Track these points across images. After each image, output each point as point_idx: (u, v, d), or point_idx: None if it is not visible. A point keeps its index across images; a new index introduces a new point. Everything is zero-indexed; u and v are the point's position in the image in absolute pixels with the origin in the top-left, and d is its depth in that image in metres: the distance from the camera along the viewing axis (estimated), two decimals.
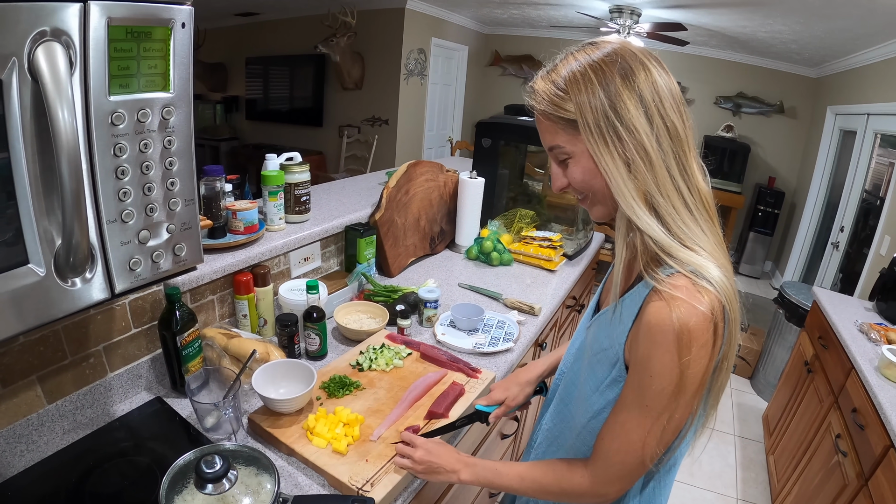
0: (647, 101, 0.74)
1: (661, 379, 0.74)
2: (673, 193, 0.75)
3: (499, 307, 1.92)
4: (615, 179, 0.75)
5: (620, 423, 0.82)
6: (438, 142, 6.89)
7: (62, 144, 0.61)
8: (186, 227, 0.87)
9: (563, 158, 0.82)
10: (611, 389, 0.87)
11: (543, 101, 0.79)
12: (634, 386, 0.79)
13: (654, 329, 0.73)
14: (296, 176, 1.73)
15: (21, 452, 1.05)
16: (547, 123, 0.80)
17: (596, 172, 0.78)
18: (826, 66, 5.27)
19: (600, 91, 0.73)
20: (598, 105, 0.73)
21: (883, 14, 3.24)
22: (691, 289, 0.72)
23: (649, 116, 0.74)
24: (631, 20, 4.65)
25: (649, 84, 0.74)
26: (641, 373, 0.77)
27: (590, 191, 0.82)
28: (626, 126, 0.73)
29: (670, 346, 0.72)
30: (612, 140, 0.74)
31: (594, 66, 0.75)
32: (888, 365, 1.83)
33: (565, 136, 0.79)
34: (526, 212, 2.54)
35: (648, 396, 0.77)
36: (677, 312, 0.71)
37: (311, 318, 1.44)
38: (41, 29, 0.61)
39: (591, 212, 0.87)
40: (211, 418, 1.14)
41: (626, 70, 0.74)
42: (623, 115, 0.73)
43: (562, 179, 0.84)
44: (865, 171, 4.22)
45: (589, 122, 0.74)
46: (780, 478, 2.48)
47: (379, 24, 5.65)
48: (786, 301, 3.38)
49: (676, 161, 0.75)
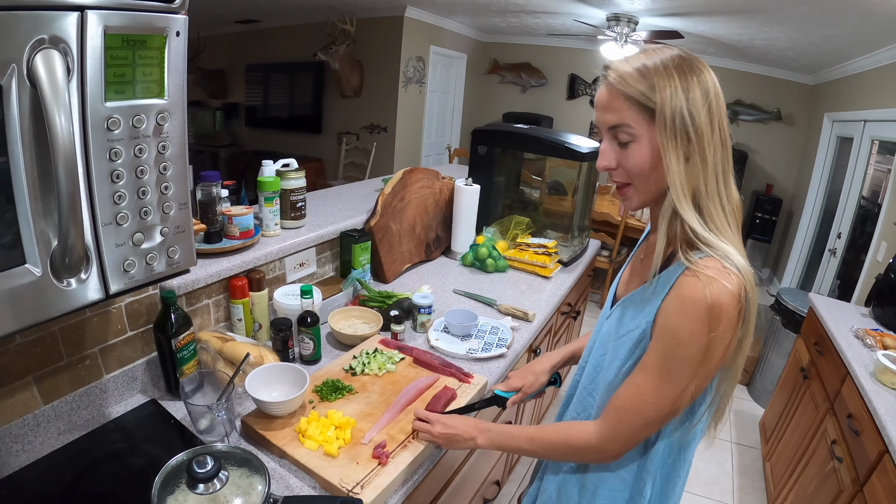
0: (713, 111, 0.81)
1: (689, 348, 0.80)
2: (714, 194, 0.82)
3: (493, 313, 1.94)
4: (673, 171, 0.81)
5: (637, 384, 0.87)
6: (437, 149, 6.92)
7: (59, 148, 0.63)
8: (180, 231, 0.89)
9: (627, 140, 0.85)
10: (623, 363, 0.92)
11: (629, 83, 0.82)
12: (658, 352, 0.85)
13: (687, 301, 0.80)
14: (291, 182, 1.75)
15: (17, 452, 1.06)
16: (621, 101, 0.84)
17: (655, 163, 0.84)
18: (823, 73, 5.30)
19: (682, 91, 0.80)
20: (677, 104, 0.79)
21: (878, 21, 3.26)
22: (722, 270, 0.79)
23: (713, 125, 0.81)
24: (628, 28, 4.69)
25: (717, 96, 0.82)
26: (668, 340, 0.83)
27: (639, 177, 0.87)
28: (696, 129, 0.80)
29: (701, 318, 0.78)
30: (682, 137, 0.80)
31: (680, 67, 0.81)
32: (883, 370, 1.83)
33: (640, 119, 0.83)
34: (521, 219, 2.56)
35: (672, 363, 0.83)
36: (710, 289, 0.77)
37: (306, 322, 1.46)
38: (40, 37, 0.63)
39: (627, 200, 0.91)
40: (205, 420, 1.15)
41: (701, 79, 0.81)
42: (696, 118, 0.80)
43: (610, 158, 0.88)
44: (862, 177, 4.24)
45: (666, 116, 0.80)
46: (777, 484, 2.48)
47: (378, 32, 5.69)
48: (782, 307, 3.39)
49: (722, 168, 0.83)
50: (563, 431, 0.99)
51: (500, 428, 1.10)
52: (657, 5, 4.04)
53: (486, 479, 1.87)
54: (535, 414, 2.52)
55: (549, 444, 1.00)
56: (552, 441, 1.00)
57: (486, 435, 1.08)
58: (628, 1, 4.05)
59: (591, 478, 1.03)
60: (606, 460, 0.96)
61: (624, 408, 0.89)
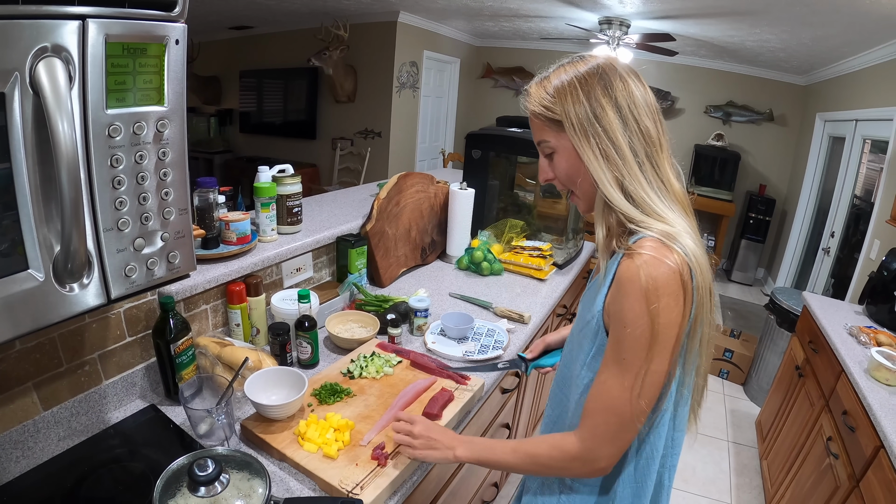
0: (622, 107, 0.86)
1: (634, 328, 0.81)
2: (643, 182, 0.86)
3: (489, 316, 1.95)
4: (594, 167, 0.87)
5: (602, 382, 0.88)
6: (431, 154, 6.94)
7: (62, 155, 0.64)
8: (180, 236, 0.90)
9: (549, 152, 0.94)
10: (595, 361, 0.92)
11: (535, 103, 0.92)
12: (612, 343, 0.86)
13: (623, 281, 0.82)
14: (288, 188, 1.76)
15: (17, 458, 1.07)
16: (537, 122, 0.93)
17: (577, 166, 0.90)
18: (814, 74, 5.35)
19: (584, 98, 0.86)
20: (580, 109, 0.86)
21: (868, 21, 3.29)
22: (658, 246, 0.81)
23: (624, 119, 0.86)
24: (620, 31, 4.72)
25: (626, 94, 0.87)
26: (617, 326, 0.84)
27: (572, 183, 0.94)
28: (604, 126, 0.86)
29: (639, 295, 0.80)
30: (592, 136, 0.86)
31: (580, 77, 0.88)
32: (878, 367, 1.85)
33: (552, 133, 0.92)
34: (516, 222, 2.58)
35: (624, 349, 0.83)
36: (643, 265, 0.79)
37: (303, 327, 1.46)
38: (42, 45, 0.64)
39: (578, 205, 0.98)
40: (204, 425, 1.15)
41: (606, 82, 0.87)
42: (601, 117, 0.86)
43: (548, 171, 0.97)
44: (855, 176, 4.27)
45: (573, 123, 0.87)
46: (774, 482, 2.49)
47: (371, 38, 5.71)
48: (777, 307, 3.42)
49: (648, 157, 0.87)
50: (546, 442, 0.96)
51: (483, 441, 1.06)
52: (649, 8, 4.07)
53: (484, 481, 1.88)
54: (532, 416, 2.53)
55: (534, 458, 0.96)
56: (536, 454, 0.96)
57: (466, 446, 1.04)
58: (620, 4, 4.08)
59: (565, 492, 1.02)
60: (595, 473, 0.92)
61: (597, 409, 0.89)
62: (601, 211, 0.90)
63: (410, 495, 1.16)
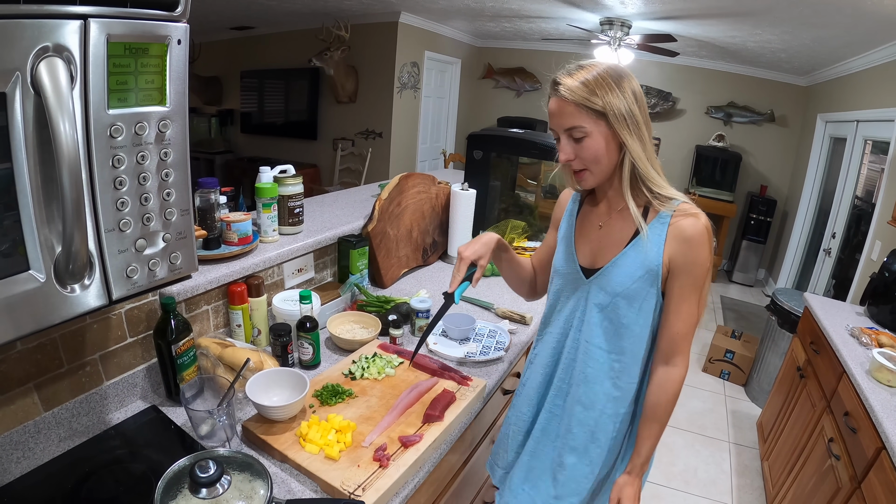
0: (642, 106, 1.07)
1: (705, 265, 1.08)
2: (657, 163, 1.10)
3: (491, 317, 1.95)
4: (636, 151, 1.06)
5: (684, 311, 1.11)
6: (432, 154, 6.94)
7: (63, 155, 0.64)
8: (182, 237, 0.90)
9: (581, 136, 1.06)
10: (648, 304, 1.13)
11: (574, 93, 1.04)
12: (688, 281, 1.09)
13: (696, 236, 1.07)
14: (289, 188, 1.76)
15: (17, 459, 1.07)
16: (572, 108, 1.05)
17: (607, 148, 1.06)
18: (815, 75, 5.34)
19: (620, 95, 1.03)
20: (622, 104, 1.03)
21: (868, 22, 3.29)
22: (694, 208, 1.09)
23: (644, 115, 1.07)
24: (621, 32, 4.72)
25: (641, 95, 1.08)
26: (692, 268, 1.08)
27: (594, 163, 1.08)
28: (637, 120, 1.05)
29: (707, 241, 1.07)
30: (633, 127, 1.05)
31: (612, 77, 1.04)
32: (879, 368, 1.85)
33: (586, 119, 1.04)
34: (517, 222, 2.57)
35: (699, 280, 1.09)
36: (703, 219, 1.08)
37: (305, 327, 1.46)
38: (44, 45, 0.63)
39: (584, 181, 1.13)
40: (205, 426, 1.15)
41: (631, 84, 1.07)
42: (635, 112, 1.05)
43: (569, 152, 1.09)
44: (856, 177, 4.27)
45: (617, 116, 1.03)
46: (775, 483, 2.49)
47: (373, 38, 5.71)
48: (778, 308, 3.41)
49: (650, 140, 1.09)
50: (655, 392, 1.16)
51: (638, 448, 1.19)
52: (650, 9, 4.07)
53: (485, 482, 1.87)
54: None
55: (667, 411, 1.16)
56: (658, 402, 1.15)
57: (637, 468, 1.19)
58: (621, 5, 4.08)
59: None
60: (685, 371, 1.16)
61: (686, 332, 1.12)
62: (628, 182, 1.09)
63: (412, 497, 1.16)
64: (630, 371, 1.17)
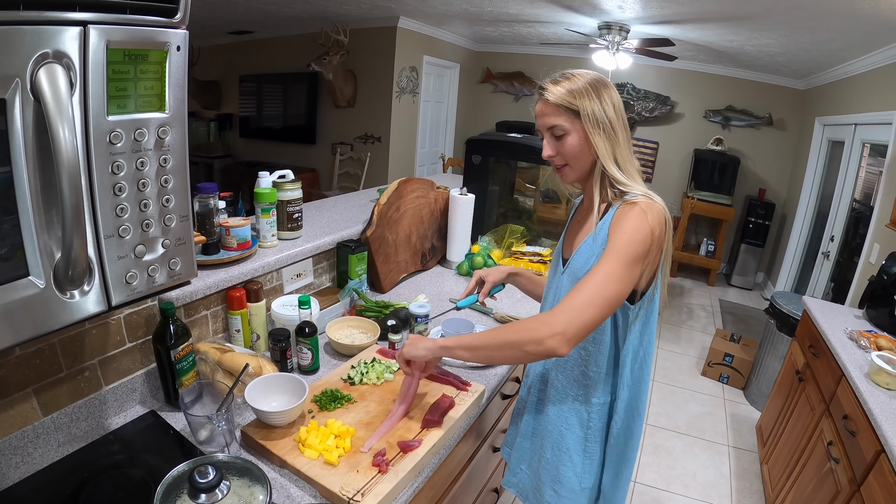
0: (617, 110, 1.17)
1: (633, 232, 1.08)
2: (628, 161, 1.18)
3: (489, 322, 1.95)
4: (601, 147, 1.15)
5: (592, 274, 1.08)
6: (431, 159, 6.94)
7: (63, 161, 0.64)
8: (181, 243, 0.90)
9: (561, 134, 1.18)
10: None
11: (556, 96, 1.16)
12: (609, 245, 1.10)
13: (625, 210, 1.11)
14: (288, 193, 1.76)
15: (16, 464, 1.06)
16: (553, 109, 1.17)
17: (583, 146, 1.17)
18: (813, 78, 5.36)
19: (596, 99, 1.15)
20: (595, 107, 1.14)
21: (867, 25, 3.30)
22: (648, 199, 1.12)
23: (618, 117, 1.17)
24: (619, 36, 4.72)
25: (618, 101, 1.19)
26: (616, 234, 1.10)
27: (573, 158, 1.19)
28: (608, 120, 1.15)
29: (639, 211, 1.10)
30: (601, 126, 1.15)
31: (592, 85, 1.16)
32: (878, 371, 1.85)
33: (565, 118, 1.16)
34: (516, 227, 2.57)
35: (617, 245, 1.08)
36: (640, 203, 1.11)
37: (304, 333, 1.46)
38: (43, 51, 0.64)
39: (565, 176, 1.24)
40: (204, 431, 1.15)
41: (608, 92, 1.18)
42: (607, 114, 1.15)
43: (551, 149, 1.21)
44: (854, 180, 4.28)
45: (589, 116, 1.14)
46: (775, 487, 2.49)
47: (371, 43, 5.72)
48: (777, 311, 3.41)
49: (627, 144, 1.19)
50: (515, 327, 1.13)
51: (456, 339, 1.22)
52: (648, 13, 4.08)
53: (484, 487, 1.87)
54: None
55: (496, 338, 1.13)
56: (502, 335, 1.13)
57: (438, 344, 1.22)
58: (620, 9, 4.09)
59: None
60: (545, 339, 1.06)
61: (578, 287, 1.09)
62: (597, 179, 1.19)
63: (411, 502, 1.15)
64: (596, 358, 1.23)
